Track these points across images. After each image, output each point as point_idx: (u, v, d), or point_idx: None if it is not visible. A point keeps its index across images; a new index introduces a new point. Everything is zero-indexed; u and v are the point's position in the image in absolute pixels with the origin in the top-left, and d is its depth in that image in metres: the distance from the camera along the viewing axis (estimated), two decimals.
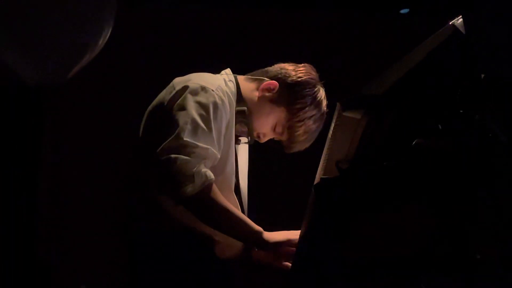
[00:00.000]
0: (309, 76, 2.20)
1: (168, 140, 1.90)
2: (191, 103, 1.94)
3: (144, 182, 2.04)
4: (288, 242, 2.01)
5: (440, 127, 1.64)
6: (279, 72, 2.19)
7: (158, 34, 4.01)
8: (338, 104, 1.67)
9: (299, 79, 2.18)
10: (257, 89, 2.17)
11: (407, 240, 1.64)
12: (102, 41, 2.53)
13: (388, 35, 4.21)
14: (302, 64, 2.25)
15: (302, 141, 2.20)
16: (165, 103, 2.02)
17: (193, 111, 1.93)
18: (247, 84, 2.19)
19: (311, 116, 2.17)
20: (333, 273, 1.70)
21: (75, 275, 3.83)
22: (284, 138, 2.22)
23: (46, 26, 2.42)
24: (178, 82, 2.06)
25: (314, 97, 2.17)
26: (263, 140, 2.25)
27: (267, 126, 2.18)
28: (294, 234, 2.01)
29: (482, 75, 1.67)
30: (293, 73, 2.19)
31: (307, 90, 2.17)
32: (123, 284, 2.19)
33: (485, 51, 1.70)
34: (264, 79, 2.17)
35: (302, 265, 1.74)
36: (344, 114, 1.67)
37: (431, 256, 1.66)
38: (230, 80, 2.15)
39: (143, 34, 3.99)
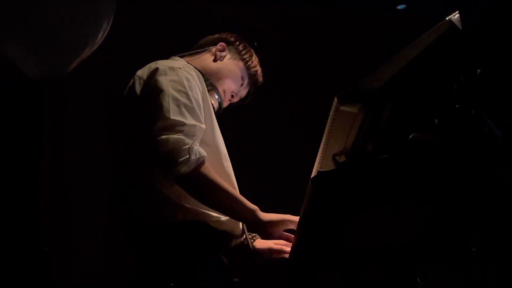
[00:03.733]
0: (234, 34, 2.46)
1: (156, 122, 1.96)
2: (165, 82, 2.03)
3: (145, 174, 2.06)
4: (281, 223, 2.06)
5: (436, 122, 1.65)
6: (213, 39, 2.43)
7: (158, 28, 4.01)
8: (335, 98, 1.68)
9: (233, 36, 2.44)
10: (213, 54, 2.36)
11: (402, 233, 1.65)
12: (101, 35, 2.54)
13: (385, 30, 4.22)
14: None
15: (260, 83, 2.46)
16: (138, 93, 2.10)
17: (170, 89, 2.01)
18: (197, 59, 2.36)
19: (257, 61, 2.44)
20: (329, 265, 1.71)
21: (75, 267, 3.83)
22: (245, 91, 2.45)
23: (47, 20, 2.43)
24: (142, 72, 2.16)
25: (249, 46, 2.45)
26: (236, 99, 2.44)
27: (238, 80, 2.39)
28: (288, 217, 2.06)
29: (478, 70, 1.68)
30: (225, 35, 2.44)
31: (242, 43, 2.44)
32: (124, 276, 2.20)
33: (481, 46, 1.71)
34: (209, 48, 2.39)
35: (300, 257, 1.75)
36: (341, 108, 1.68)
37: (426, 248, 1.68)
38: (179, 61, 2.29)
39: (142, 28, 3.99)
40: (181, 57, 2.33)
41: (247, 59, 2.40)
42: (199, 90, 2.09)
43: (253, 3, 4.18)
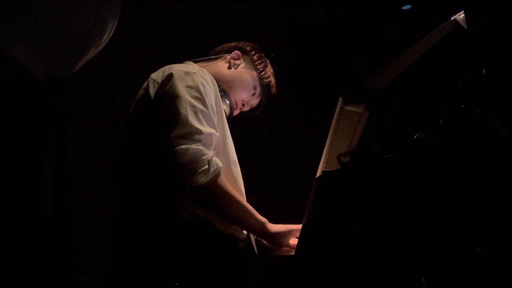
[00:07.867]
0: (250, 43, 2.45)
1: (175, 129, 1.96)
2: (181, 88, 2.03)
3: (151, 175, 2.06)
4: (289, 233, 2.08)
5: (441, 122, 1.65)
6: (228, 47, 2.41)
7: (164, 29, 4.01)
8: (340, 98, 1.68)
9: (249, 46, 2.42)
10: (227, 62, 2.35)
11: (407, 233, 1.65)
12: (107, 36, 2.55)
13: (390, 31, 4.22)
14: None
15: (273, 93, 2.44)
16: (152, 97, 2.08)
17: (186, 95, 2.02)
18: (211, 65, 2.34)
19: (272, 71, 2.43)
20: (333, 265, 1.71)
21: (78, 266, 3.84)
22: (257, 101, 2.42)
23: (52, 20, 2.43)
24: (157, 76, 2.13)
25: (265, 57, 2.44)
26: (247, 108, 2.42)
27: (249, 89, 2.37)
28: (296, 227, 2.07)
29: (484, 70, 1.67)
30: (241, 44, 2.43)
31: (258, 53, 2.43)
32: (127, 275, 2.21)
33: (486, 46, 1.71)
34: (224, 55, 2.37)
35: (304, 257, 1.75)
36: (346, 108, 1.68)
37: (431, 249, 1.68)
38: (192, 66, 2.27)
39: (147, 28, 4.00)
40: (195, 62, 2.33)
41: (261, 69, 2.39)
42: (213, 95, 2.09)
43: (256, 4, 4.19)
